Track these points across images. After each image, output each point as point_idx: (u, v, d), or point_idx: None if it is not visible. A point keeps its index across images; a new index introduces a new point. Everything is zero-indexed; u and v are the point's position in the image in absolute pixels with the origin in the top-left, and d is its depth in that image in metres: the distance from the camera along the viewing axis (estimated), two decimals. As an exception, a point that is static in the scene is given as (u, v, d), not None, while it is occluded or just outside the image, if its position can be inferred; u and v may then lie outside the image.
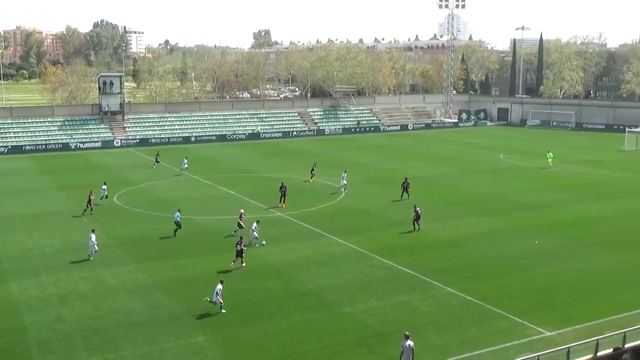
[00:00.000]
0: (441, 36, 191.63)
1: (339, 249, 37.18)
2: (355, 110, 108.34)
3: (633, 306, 28.09)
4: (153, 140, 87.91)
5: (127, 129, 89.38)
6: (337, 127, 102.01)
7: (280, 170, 64.15)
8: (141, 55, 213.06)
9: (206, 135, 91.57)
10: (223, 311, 27.57)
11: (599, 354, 19.68)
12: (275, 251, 36.57)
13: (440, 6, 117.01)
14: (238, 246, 33.52)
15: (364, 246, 37.34)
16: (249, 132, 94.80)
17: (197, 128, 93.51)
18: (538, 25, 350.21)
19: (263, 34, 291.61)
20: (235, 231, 39.38)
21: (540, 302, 29.11)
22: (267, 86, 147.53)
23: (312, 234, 40.25)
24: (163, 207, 47.67)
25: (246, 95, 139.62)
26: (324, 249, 37.17)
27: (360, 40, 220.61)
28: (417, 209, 41.53)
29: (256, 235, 37.35)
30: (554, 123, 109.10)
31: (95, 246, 35.29)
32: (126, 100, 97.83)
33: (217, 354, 23.98)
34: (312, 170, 59.19)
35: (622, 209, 47.60)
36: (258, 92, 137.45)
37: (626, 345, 19.22)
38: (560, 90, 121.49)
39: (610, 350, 17.67)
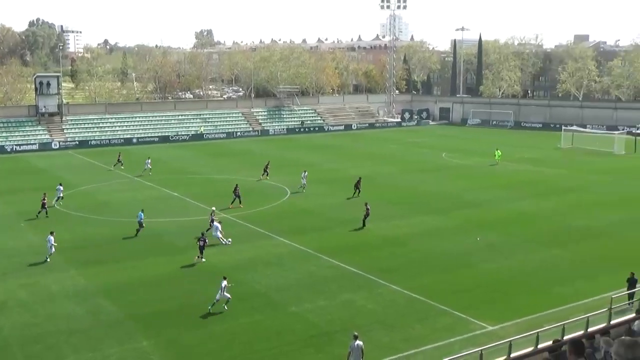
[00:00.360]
0: (383, 37, 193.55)
1: (285, 249, 37.19)
2: (299, 110, 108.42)
3: (571, 299, 29.05)
4: (93, 142, 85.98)
5: (65, 131, 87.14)
6: (282, 127, 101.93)
7: (225, 171, 63.69)
8: (79, 55, 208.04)
9: (148, 137, 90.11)
10: (226, 308, 27.54)
11: (539, 346, 20.25)
12: (221, 253, 36.28)
13: (382, 7, 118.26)
14: (200, 242, 34.65)
15: (310, 246, 37.45)
16: (192, 133, 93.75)
17: (138, 129, 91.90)
18: (477, 26, 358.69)
19: (205, 33, 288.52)
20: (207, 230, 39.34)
21: (482, 297, 29.78)
22: (210, 86, 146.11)
23: (258, 235, 40.12)
24: (105, 210, 46.71)
25: (189, 95, 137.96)
26: (270, 249, 37.12)
27: (304, 41, 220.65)
28: (368, 206, 42.17)
29: (220, 235, 37.59)
30: (494, 122, 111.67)
31: (53, 248, 34.63)
32: (64, 101, 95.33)
33: (162, 358, 23.65)
34: (266, 168, 59.48)
35: (560, 205, 49.14)
36: (201, 93, 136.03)
37: (565, 337, 19.84)
38: (499, 90, 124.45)
39: (550, 343, 18.19)
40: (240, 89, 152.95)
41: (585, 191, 54.64)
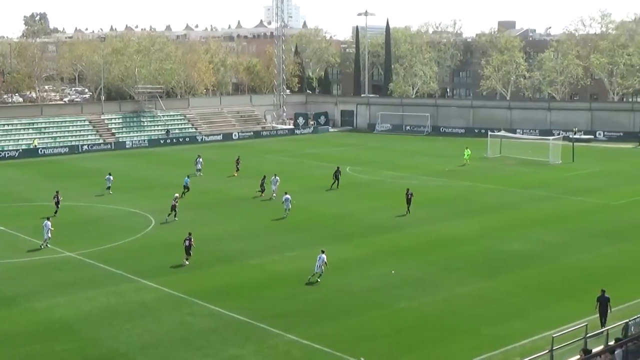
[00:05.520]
0: (269, 23, 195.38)
1: (151, 294, 36.57)
2: (164, 116, 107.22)
3: (504, 341, 30.17)
4: None
5: None
6: (142, 138, 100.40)
7: (68, 197, 61.74)
8: None
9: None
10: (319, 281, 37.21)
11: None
12: (65, 303, 35.19)
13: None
14: (186, 242, 40.93)
15: (183, 289, 36.96)
16: (24, 147, 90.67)
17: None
18: (384, 11, 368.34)
19: (38, 18, 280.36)
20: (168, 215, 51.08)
21: (400, 344, 30.41)
22: (47, 87, 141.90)
23: (114, 278, 39.21)
24: None
25: (17, 99, 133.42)
26: (130, 296, 36.39)
27: (168, 28, 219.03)
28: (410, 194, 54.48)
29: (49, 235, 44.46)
30: (408, 127, 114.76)
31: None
32: None
33: None
34: (237, 163, 73.44)
35: (487, 225, 51.12)
36: (34, 95, 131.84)
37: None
38: (413, 88, 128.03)
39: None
40: (87, 90, 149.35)
41: (517, 209, 57.08)
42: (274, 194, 59.53)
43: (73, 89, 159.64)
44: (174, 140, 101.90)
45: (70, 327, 32.18)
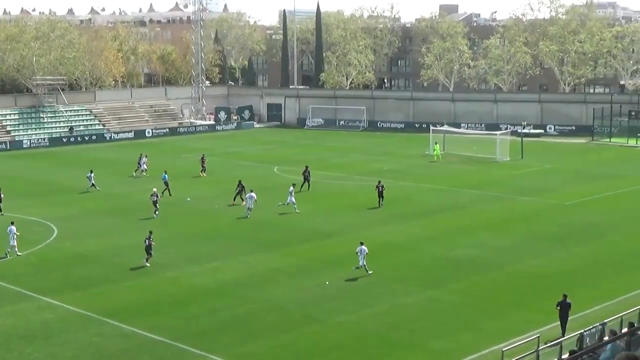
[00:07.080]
0: (185, 6, 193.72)
1: (54, 314, 36.03)
2: (66, 111, 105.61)
3: (449, 356, 30.70)
4: None
5: None
6: (41, 136, 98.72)
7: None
8: None
9: None
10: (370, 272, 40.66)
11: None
12: (-46, 325, 34.37)
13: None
14: (146, 241, 42.21)
15: (90, 307, 36.51)
16: None
17: None
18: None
19: None
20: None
21: (336, 362, 30.53)
22: None
23: (11, 296, 38.52)
24: None
25: None
26: (30, 316, 35.82)
27: (70, 12, 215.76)
28: (380, 186, 57.46)
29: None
30: (342, 122, 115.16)
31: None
32: None
33: None
34: (202, 162, 73.73)
35: (430, 230, 51.77)
36: None
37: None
38: (347, 79, 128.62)
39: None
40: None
41: (462, 211, 57.85)
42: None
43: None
44: (79, 138, 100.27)
45: (-40, 353, 31.47)
